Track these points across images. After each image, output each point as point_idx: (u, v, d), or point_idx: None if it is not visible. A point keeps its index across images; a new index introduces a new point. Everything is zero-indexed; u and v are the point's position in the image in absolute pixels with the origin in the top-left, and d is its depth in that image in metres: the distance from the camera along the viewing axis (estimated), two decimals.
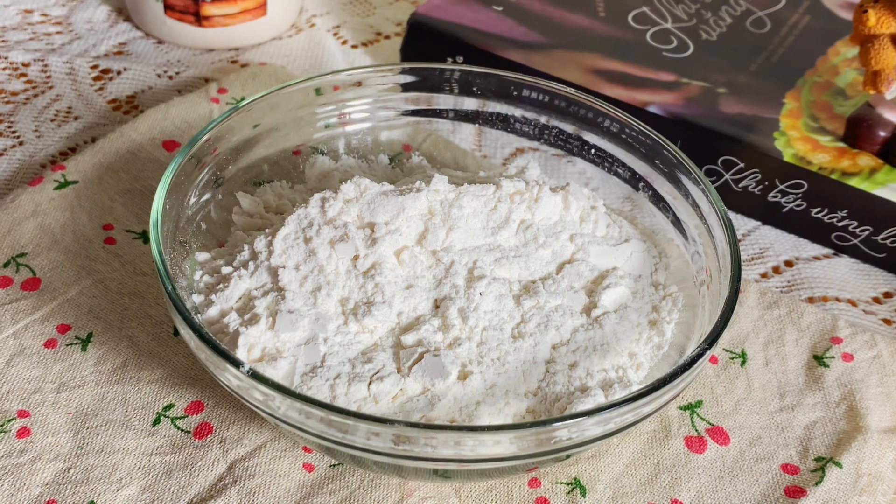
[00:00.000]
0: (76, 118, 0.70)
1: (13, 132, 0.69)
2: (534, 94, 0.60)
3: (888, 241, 0.63)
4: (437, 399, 0.47)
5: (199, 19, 0.75)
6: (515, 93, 0.61)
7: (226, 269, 0.51)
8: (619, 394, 0.48)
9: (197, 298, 0.50)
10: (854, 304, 0.62)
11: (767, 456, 0.52)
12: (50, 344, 0.54)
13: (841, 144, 0.65)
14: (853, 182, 0.63)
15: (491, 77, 0.61)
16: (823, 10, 0.77)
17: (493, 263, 0.52)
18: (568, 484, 0.50)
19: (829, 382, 0.56)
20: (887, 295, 0.63)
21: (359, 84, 0.61)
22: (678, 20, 0.74)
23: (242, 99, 0.57)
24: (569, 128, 0.60)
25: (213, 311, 0.49)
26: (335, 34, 0.81)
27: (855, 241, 0.64)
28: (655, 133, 0.57)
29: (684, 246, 0.56)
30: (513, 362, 0.49)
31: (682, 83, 0.69)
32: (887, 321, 0.61)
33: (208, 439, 0.51)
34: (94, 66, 0.75)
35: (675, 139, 0.65)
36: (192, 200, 0.54)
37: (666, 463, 0.52)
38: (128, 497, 0.48)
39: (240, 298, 0.50)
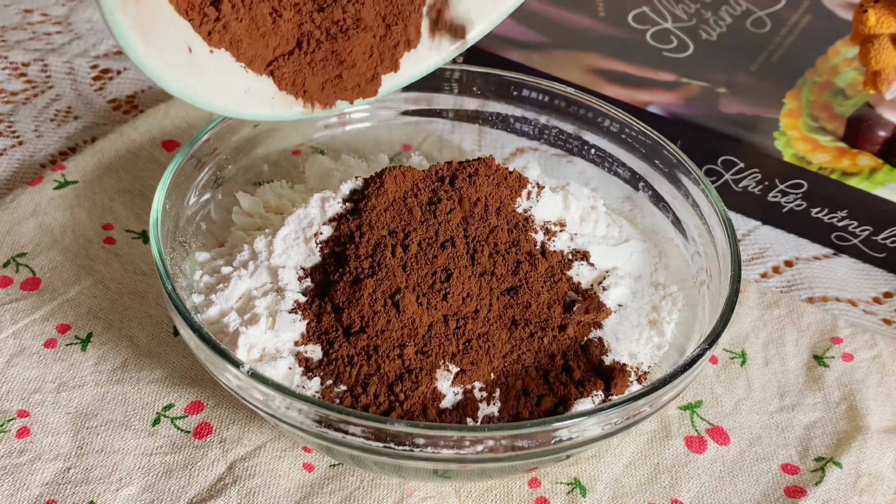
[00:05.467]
0: (76, 118, 0.70)
1: (13, 132, 0.69)
2: (534, 94, 0.60)
3: (888, 241, 0.63)
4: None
5: None
6: (515, 93, 0.61)
7: (226, 269, 0.51)
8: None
9: (197, 298, 0.50)
10: (854, 304, 0.62)
11: (767, 456, 0.52)
12: (50, 344, 0.54)
13: (841, 144, 0.65)
14: (853, 182, 0.63)
15: (491, 77, 0.61)
16: (823, 10, 0.77)
17: None
18: (568, 484, 0.50)
19: (829, 382, 0.56)
20: (887, 295, 0.63)
21: None
22: (678, 20, 0.74)
23: None
24: (569, 128, 0.60)
25: (213, 311, 0.49)
26: None
27: (855, 241, 0.64)
28: (655, 133, 0.57)
29: (684, 246, 0.56)
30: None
31: (682, 83, 0.69)
32: (887, 321, 0.61)
33: (208, 439, 0.51)
34: (94, 66, 0.75)
35: (675, 139, 0.65)
36: (192, 200, 0.54)
37: (666, 463, 0.52)
38: (128, 497, 0.48)
39: (240, 298, 0.50)
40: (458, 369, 0.47)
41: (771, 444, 0.53)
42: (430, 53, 0.53)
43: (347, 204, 0.52)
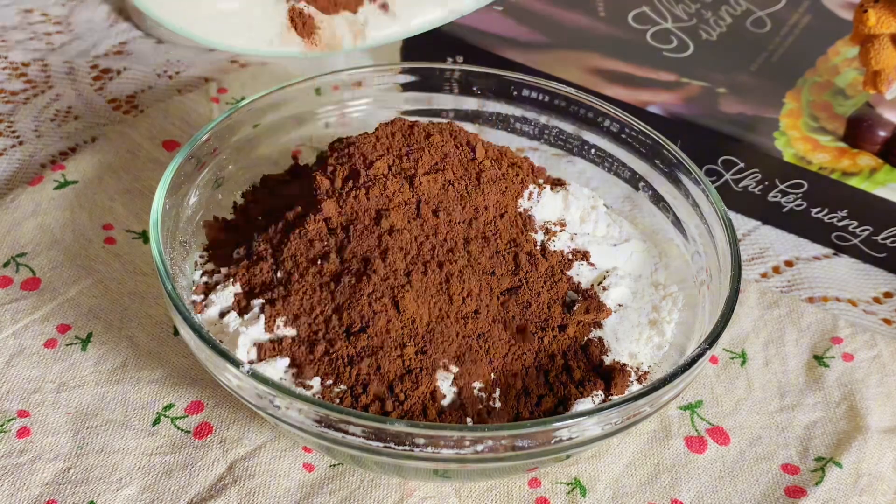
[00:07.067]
0: (76, 118, 0.70)
1: (13, 132, 0.69)
2: (534, 94, 0.60)
3: (888, 241, 0.63)
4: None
5: None
6: (515, 93, 0.61)
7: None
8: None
9: (197, 298, 0.50)
10: (854, 304, 0.62)
11: (767, 456, 0.52)
12: (50, 344, 0.54)
13: (841, 144, 0.65)
14: (853, 182, 0.63)
15: (491, 77, 0.61)
16: (823, 10, 0.77)
17: None
18: (568, 484, 0.50)
19: (829, 382, 0.56)
20: (887, 295, 0.63)
21: (359, 84, 0.61)
22: (678, 20, 0.74)
23: (242, 99, 0.57)
24: (569, 128, 0.60)
25: (212, 311, 0.49)
26: None
27: (855, 241, 0.64)
28: (655, 133, 0.57)
29: (684, 246, 0.56)
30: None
31: (682, 83, 0.69)
32: (887, 321, 0.61)
33: (208, 439, 0.51)
34: (94, 66, 0.75)
35: (675, 139, 0.64)
36: (192, 200, 0.54)
37: (666, 463, 0.52)
38: (128, 497, 0.48)
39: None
40: (458, 369, 0.47)
41: (771, 444, 0.53)
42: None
43: None
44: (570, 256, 0.53)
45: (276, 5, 0.55)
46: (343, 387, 0.46)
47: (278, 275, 0.49)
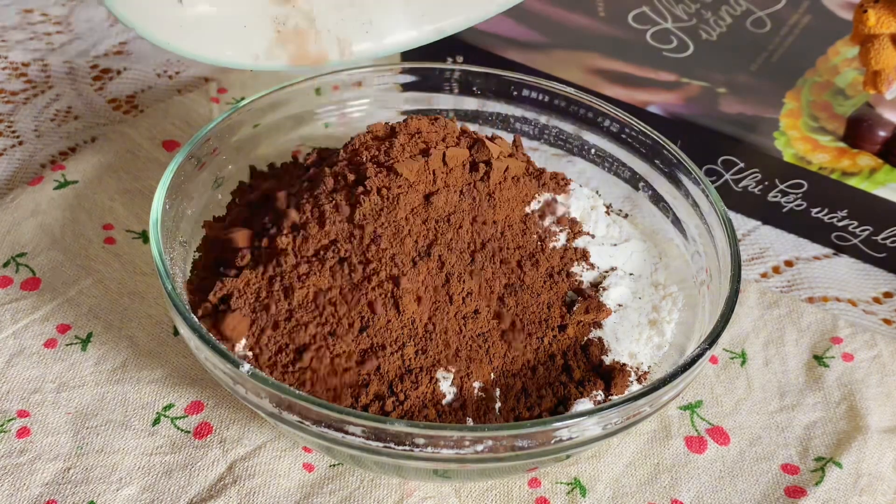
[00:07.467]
0: (76, 118, 0.70)
1: (13, 132, 0.69)
2: (534, 94, 0.60)
3: (888, 241, 0.63)
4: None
5: None
6: (515, 93, 0.61)
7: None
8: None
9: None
10: (854, 304, 0.62)
11: (767, 456, 0.52)
12: (50, 344, 0.54)
13: (841, 144, 0.65)
14: (853, 182, 0.63)
15: (491, 77, 0.61)
16: (823, 10, 0.77)
17: None
18: (568, 484, 0.50)
19: (829, 382, 0.56)
20: (887, 295, 0.63)
21: (359, 84, 0.61)
22: (678, 20, 0.74)
23: (242, 99, 0.57)
24: (569, 128, 0.60)
25: None
26: None
27: (855, 241, 0.64)
28: (655, 133, 0.57)
29: (684, 246, 0.56)
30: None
31: (682, 83, 0.69)
32: (887, 321, 0.61)
33: (208, 439, 0.51)
34: (94, 66, 0.75)
35: (675, 139, 0.65)
36: (192, 200, 0.54)
37: (666, 463, 0.52)
38: (128, 497, 0.48)
39: None
40: (458, 369, 0.47)
41: (771, 444, 0.53)
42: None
43: None
44: (571, 256, 0.53)
45: (261, 19, 0.55)
46: None
47: None
